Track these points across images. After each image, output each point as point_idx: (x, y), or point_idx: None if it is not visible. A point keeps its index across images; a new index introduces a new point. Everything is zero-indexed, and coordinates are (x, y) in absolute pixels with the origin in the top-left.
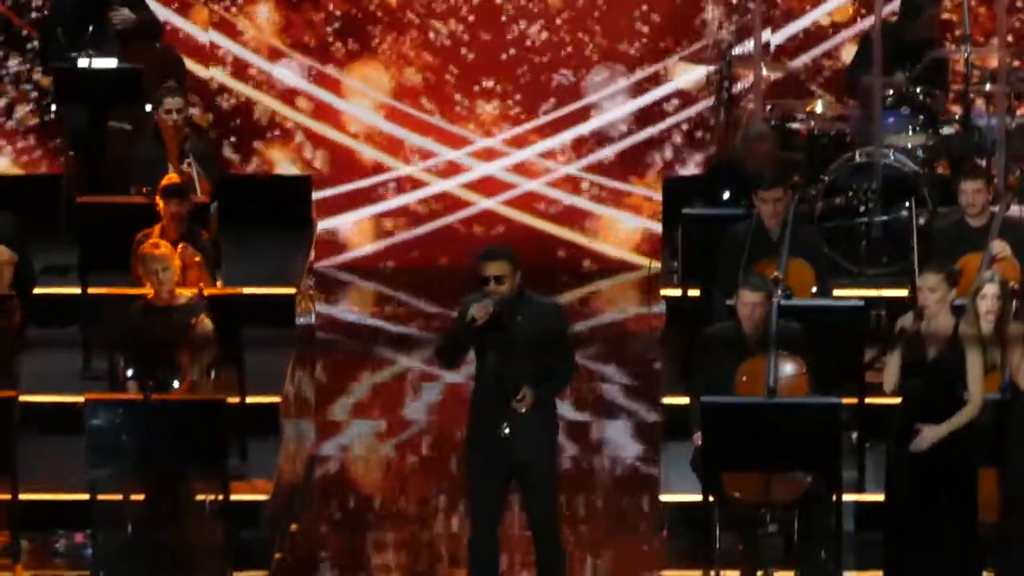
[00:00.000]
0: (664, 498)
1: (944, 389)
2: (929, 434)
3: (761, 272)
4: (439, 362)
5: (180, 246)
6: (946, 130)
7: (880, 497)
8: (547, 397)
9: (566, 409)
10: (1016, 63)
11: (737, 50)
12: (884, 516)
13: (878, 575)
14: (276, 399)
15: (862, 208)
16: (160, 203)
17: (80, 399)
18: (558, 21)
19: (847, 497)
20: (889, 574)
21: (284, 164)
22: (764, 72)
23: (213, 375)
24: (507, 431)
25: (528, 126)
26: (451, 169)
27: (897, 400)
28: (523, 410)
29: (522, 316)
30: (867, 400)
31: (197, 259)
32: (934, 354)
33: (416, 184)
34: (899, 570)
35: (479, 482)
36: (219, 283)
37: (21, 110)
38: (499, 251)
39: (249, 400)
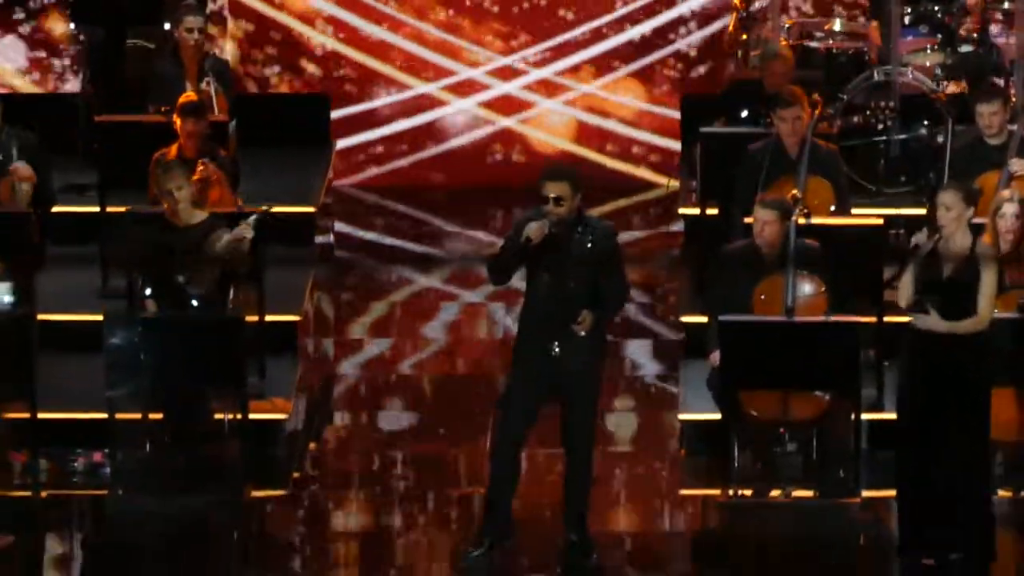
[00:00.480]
0: (683, 416)
1: (959, 307)
2: (931, 321)
3: (777, 191)
4: (491, 277)
5: (200, 164)
6: (964, 48)
7: None
8: (603, 320)
9: None
10: None
11: None
12: (895, 432)
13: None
14: (295, 318)
15: (880, 127)
16: (177, 121)
17: (99, 317)
18: None
19: (865, 416)
20: (901, 489)
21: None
22: None
23: (232, 293)
24: (557, 350)
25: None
26: (468, 88)
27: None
28: (583, 333)
29: (578, 238)
30: (885, 318)
31: (216, 177)
32: (950, 272)
33: (434, 103)
34: (910, 485)
35: (519, 397)
36: (239, 201)
37: None
38: (562, 171)
39: (268, 319)
